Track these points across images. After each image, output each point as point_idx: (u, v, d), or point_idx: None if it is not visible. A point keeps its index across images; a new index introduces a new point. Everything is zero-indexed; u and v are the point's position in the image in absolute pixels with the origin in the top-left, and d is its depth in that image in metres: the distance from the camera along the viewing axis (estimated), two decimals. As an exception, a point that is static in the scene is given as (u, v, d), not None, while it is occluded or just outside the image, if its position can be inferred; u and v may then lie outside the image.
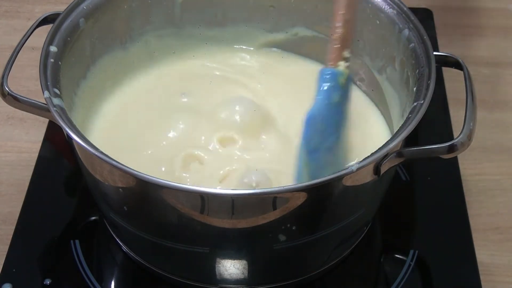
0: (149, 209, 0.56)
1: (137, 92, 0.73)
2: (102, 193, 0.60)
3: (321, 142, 0.60)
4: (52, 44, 0.60)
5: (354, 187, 0.55)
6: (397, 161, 0.55)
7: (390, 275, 0.67)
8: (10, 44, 0.67)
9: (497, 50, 0.93)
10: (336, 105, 0.60)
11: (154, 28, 0.73)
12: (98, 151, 0.52)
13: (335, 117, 0.61)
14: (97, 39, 0.67)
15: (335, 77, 0.60)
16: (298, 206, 0.53)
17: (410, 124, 0.54)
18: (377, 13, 0.66)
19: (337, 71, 0.60)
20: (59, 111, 0.55)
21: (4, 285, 0.64)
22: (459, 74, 0.61)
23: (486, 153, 0.79)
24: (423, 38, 0.61)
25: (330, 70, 0.60)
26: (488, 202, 0.74)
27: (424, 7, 0.97)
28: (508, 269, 0.68)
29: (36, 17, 0.67)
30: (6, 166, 0.77)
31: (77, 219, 0.71)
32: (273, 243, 0.57)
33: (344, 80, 0.60)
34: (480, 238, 0.70)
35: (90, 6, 0.65)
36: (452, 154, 0.54)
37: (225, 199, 0.52)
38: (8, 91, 0.58)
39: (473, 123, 0.55)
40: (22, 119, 0.82)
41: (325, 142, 0.60)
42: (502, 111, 0.84)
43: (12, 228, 0.69)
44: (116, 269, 0.68)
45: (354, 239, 0.67)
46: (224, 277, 0.63)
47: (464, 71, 0.60)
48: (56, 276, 0.66)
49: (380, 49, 0.68)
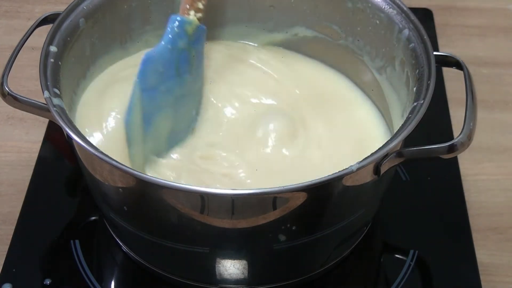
0: (149, 209, 0.56)
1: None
2: (102, 193, 0.60)
3: (159, 83, 0.62)
4: (52, 44, 0.60)
5: (354, 187, 0.55)
6: (397, 161, 0.55)
7: (390, 275, 0.67)
8: (10, 44, 0.67)
9: (497, 50, 0.93)
10: (180, 51, 0.63)
11: (154, 28, 0.73)
12: (98, 151, 0.52)
13: (178, 62, 0.63)
14: (97, 39, 0.67)
15: (182, 25, 0.63)
16: (298, 206, 0.53)
17: (410, 124, 0.54)
18: (377, 13, 0.66)
19: (185, 19, 0.63)
20: (59, 111, 0.55)
21: (4, 285, 0.64)
22: (459, 74, 0.61)
23: (486, 153, 0.79)
24: (423, 38, 0.61)
25: (179, 17, 0.63)
26: (488, 202, 0.74)
27: (424, 7, 0.97)
28: (508, 269, 0.68)
29: (36, 17, 0.67)
30: (6, 166, 0.77)
31: (77, 219, 0.71)
32: (273, 243, 0.57)
33: (192, 29, 0.63)
34: (480, 238, 0.70)
35: (90, 6, 0.65)
36: (452, 154, 0.54)
37: (225, 199, 0.52)
38: (8, 91, 0.58)
39: (473, 123, 0.55)
40: (22, 119, 0.82)
41: (163, 83, 0.62)
42: (502, 111, 0.84)
43: (12, 228, 0.69)
44: (116, 269, 0.68)
45: (354, 239, 0.67)
46: (224, 277, 0.63)
47: (464, 71, 0.60)
48: (56, 276, 0.66)
49: (380, 49, 0.68)
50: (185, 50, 0.64)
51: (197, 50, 0.66)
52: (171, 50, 0.63)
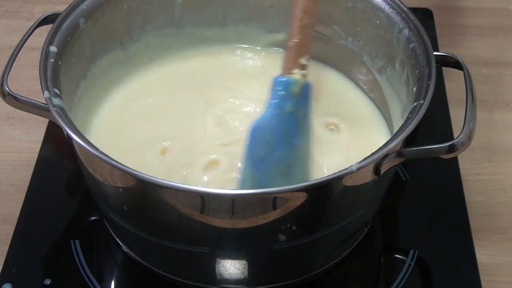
0: (149, 209, 0.56)
1: (137, 92, 0.73)
2: (102, 193, 0.60)
3: (269, 152, 0.58)
4: (52, 44, 0.60)
5: (354, 187, 0.55)
6: (397, 161, 0.55)
7: (390, 275, 0.67)
8: (10, 44, 0.67)
9: (497, 50, 0.93)
10: (288, 114, 0.59)
11: (154, 28, 0.73)
12: (98, 151, 0.52)
13: (286, 127, 0.59)
14: (97, 39, 0.67)
15: (287, 86, 0.59)
16: (298, 206, 0.53)
17: (410, 124, 0.54)
18: (377, 13, 0.66)
19: (290, 79, 0.59)
20: (59, 111, 0.55)
21: (4, 285, 0.64)
22: (459, 74, 0.61)
23: (486, 153, 0.79)
24: (423, 38, 0.61)
25: (283, 78, 0.59)
26: (488, 202, 0.74)
27: (424, 7, 0.97)
28: (508, 269, 0.68)
29: (36, 17, 0.67)
30: (6, 166, 0.77)
31: (77, 219, 0.71)
32: (273, 243, 0.57)
33: (298, 88, 0.59)
34: (480, 238, 0.70)
35: (90, 6, 0.65)
36: (452, 154, 0.54)
37: (225, 199, 0.52)
38: (8, 91, 0.58)
39: (473, 123, 0.55)
40: (22, 119, 0.82)
41: (274, 152, 0.58)
42: (502, 111, 0.84)
43: (12, 228, 0.69)
44: (116, 269, 0.68)
45: (354, 239, 0.67)
46: (224, 277, 0.63)
47: (464, 71, 0.60)
48: (56, 276, 0.66)
49: (380, 49, 0.68)
50: (293, 112, 0.59)
51: (304, 109, 0.61)
52: (279, 115, 0.58)
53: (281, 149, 0.58)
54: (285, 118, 0.59)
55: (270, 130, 0.58)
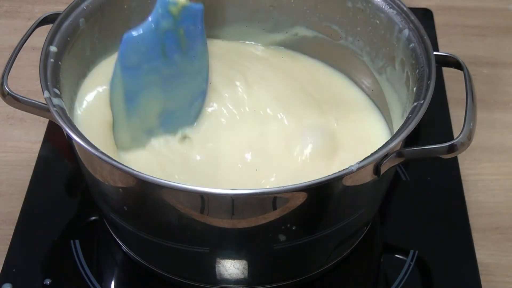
0: (149, 209, 0.56)
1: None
2: (102, 193, 0.60)
3: (141, 62, 0.62)
4: (52, 44, 0.60)
5: (354, 187, 0.55)
6: (397, 161, 0.55)
7: (390, 275, 0.67)
8: (10, 44, 0.67)
9: (497, 50, 0.93)
10: (164, 32, 0.62)
11: (154, 28, 0.73)
12: (98, 151, 0.52)
13: (163, 42, 0.62)
14: (97, 39, 0.67)
15: (166, 6, 0.62)
16: (298, 206, 0.53)
17: (410, 124, 0.54)
18: (377, 13, 0.66)
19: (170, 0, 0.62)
20: (59, 111, 0.55)
21: (4, 285, 0.64)
22: (459, 74, 0.61)
23: (486, 153, 0.79)
24: (423, 38, 0.61)
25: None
26: (488, 202, 0.74)
27: (424, 7, 0.97)
28: (508, 269, 0.68)
29: (36, 17, 0.67)
30: (6, 166, 0.77)
31: (77, 219, 0.71)
32: (273, 243, 0.57)
33: (178, 10, 0.62)
34: (480, 238, 0.70)
35: (90, 6, 0.65)
36: (452, 154, 0.54)
37: (225, 199, 0.52)
38: (8, 91, 0.58)
39: (473, 123, 0.55)
40: (22, 119, 0.82)
41: (147, 63, 0.62)
42: (502, 111, 0.84)
43: (12, 228, 0.69)
44: (116, 269, 0.68)
45: (354, 239, 0.67)
46: (224, 277, 0.63)
47: (464, 71, 0.60)
48: (56, 276, 0.66)
49: (380, 49, 0.68)
50: (170, 30, 0.62)
51: (189, 30, 0.64)
52: (153, 31, 0.62)
53: (155, 61, 0.63)
54: (161, 35, 0.62)
55: (143, 42, 0.62)
